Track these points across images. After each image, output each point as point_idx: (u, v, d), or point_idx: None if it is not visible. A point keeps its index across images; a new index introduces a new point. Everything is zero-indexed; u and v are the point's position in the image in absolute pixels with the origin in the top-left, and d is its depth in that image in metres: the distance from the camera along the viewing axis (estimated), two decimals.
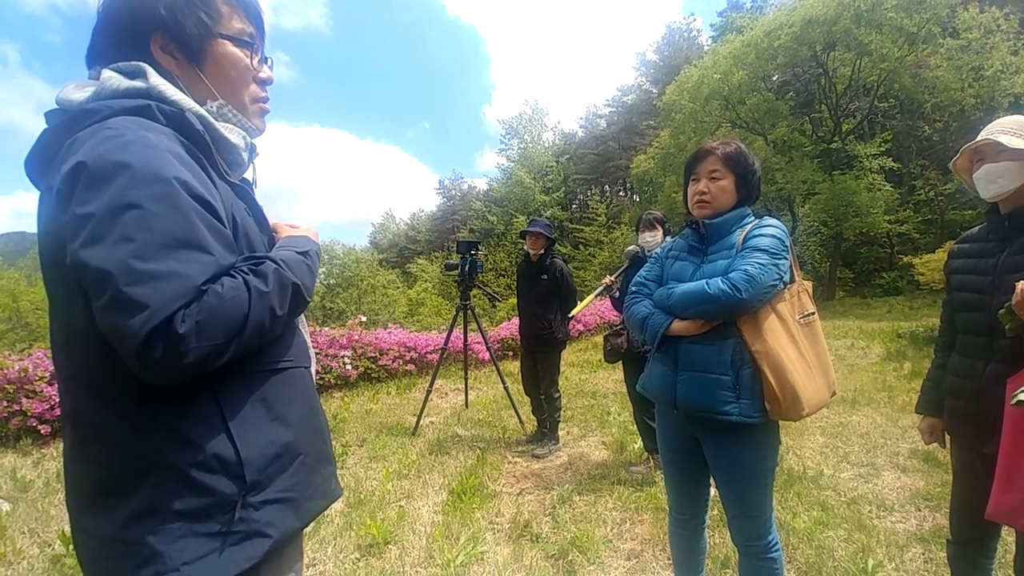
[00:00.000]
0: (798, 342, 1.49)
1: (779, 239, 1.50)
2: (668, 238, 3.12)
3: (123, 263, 0.62)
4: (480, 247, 4.63)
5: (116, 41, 0.80)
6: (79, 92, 0.75)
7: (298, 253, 0.83)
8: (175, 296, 0.64)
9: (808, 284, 1.61)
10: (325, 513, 1.94)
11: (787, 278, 1.50)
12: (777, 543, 1.58)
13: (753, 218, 1.60)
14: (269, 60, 0.94)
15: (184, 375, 0.66)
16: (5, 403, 4.08)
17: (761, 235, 1.50)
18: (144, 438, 0.70)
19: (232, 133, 0.83)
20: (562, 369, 4.40)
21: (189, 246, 0.67)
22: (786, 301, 1.50)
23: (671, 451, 1.71)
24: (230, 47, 0.85)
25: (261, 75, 0.91)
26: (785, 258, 1.49)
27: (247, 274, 0.71)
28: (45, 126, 0.76)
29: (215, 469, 0.71)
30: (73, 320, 0.71)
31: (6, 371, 4.22)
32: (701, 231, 1.62)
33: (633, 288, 1.73)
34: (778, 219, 1.59)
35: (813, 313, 1.58)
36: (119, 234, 0.63)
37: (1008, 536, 2.00)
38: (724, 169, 1.56)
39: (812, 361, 1.50)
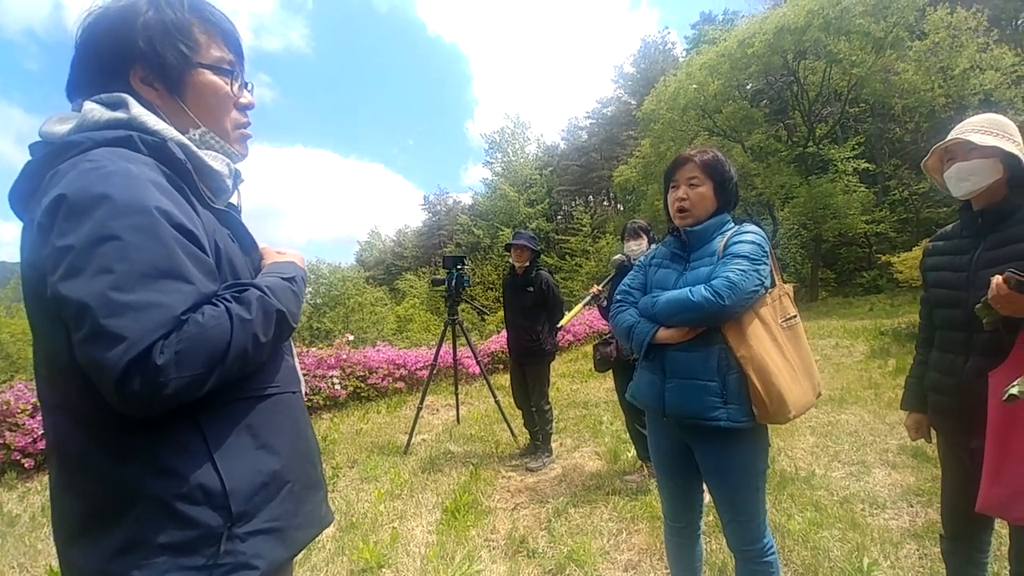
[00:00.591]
0: (782, 346, 1.51)
1: (759, 245, 1.53)
2: (653, 246, 3.15)
3: (101, 295, 0.62)
4: (467, 261, 4.64)
5: (96, 73, 0.80)
6: (61, 125, 0.75)
7: (284, 279, 0.82)
8: (154, 327, 0.63)
9: (789, 288, 1.64)
10: (316, 538, 1.90)
11: (768, 283, 1.53)
12: (772, 547, 1.59)
13: (732, 224, 1.63)
14: (250, 85, 0.94)
15: (164, 406, 0.65)
16: None
17: (741, 241, 1.53)
18: (127, 470, 0.69)
19: (215, 160, 0.83)
20: (552, 380, 4.39)
21: (169, 276, 0.66)
22: (768, 305, 1.53)
23: (663, 458, 1.71)
24: (210, 76, 0.85)
25: (242, 101, 0.91)
26: (765, 263, 1.52)
27: (229, 302, 0.71)
28: (29, 158, 0.76)
29: (200, 500, 0.70)
30: (56, 352, 0.70)
31: None
32: (683, 238, 1.65)
33: (618, 297, 1.75)
34: (758, 225, 1.62)
35: (795, 316, 1.60)
36: (98, 266, 0.63)
37: (1002, 529, 2.02)
38: (702, 176, 1.59)
39: (796, 364, 1.52)
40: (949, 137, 1.50)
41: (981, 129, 1.44)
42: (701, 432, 1.52)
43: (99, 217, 0.64)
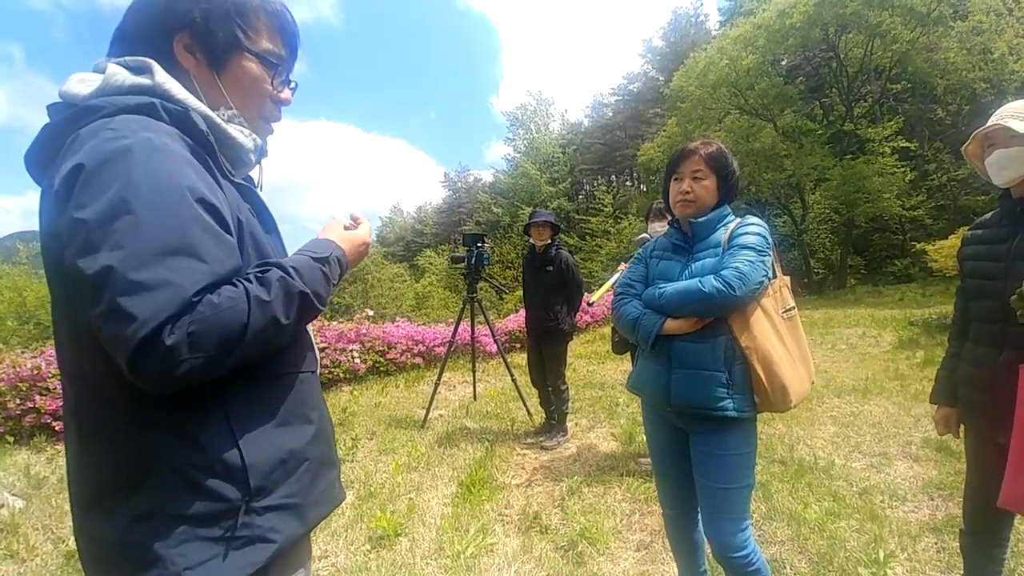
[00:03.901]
0: (783, 336, 1.53)
1: (764, 236, 1.54)
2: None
3: (115, 272, 0.61)
4: (486, 239, 4.62)
5: (143, 27, 0.80)
6: (83, 86, 0.74)
7: (314, 259, 0.80)
8: (163, 307, 0.62)
9: (787, 279, 1.64)
10: None
11: (771, 274, 1.54)
12: (758, 555, 1.57)
13: (733, 216, 1.64)
14: (293, 84, 0.94)
15: (177, 385, 0.64)
16: (18, 400, 4.14)
17: (747, 233, 1.54)
18: (148, 440, 0.70)
19: (240, 133, 0.83)
20: (570, 361, 4.39)
21: (181, 253, 0.65)
22: (770, 296, 1.54)
23: (660, 449, 1.72)
24: (255, 65, 0.85)
25: (280, 96, 0.91)
26: (769, 255, 1.53)
27: (250, 282, 0.70)
28: (47, 119, 0.74)
29: (219, 474, 0.71)
30: (77, 321, 0.70)
31: (19, 369, 4.29)
32: (684, 230, 1.66)
33: (619, 290, 1.74)
34: (760, 217, 1.64)
35: (793, 308, 1.62)
36: (113, 241, 0.62)
37: (1021, 524, 1.98)
38: (707, 169, 1.59)
39: (795, 354, 1.54)
40: (988, 123, 1.46)
41: (1019, 116, 1.39)
42: (703, 422, 1.52)
43: (116, 190, 0.63)
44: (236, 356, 0.68)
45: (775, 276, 1.58)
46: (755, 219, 1.60)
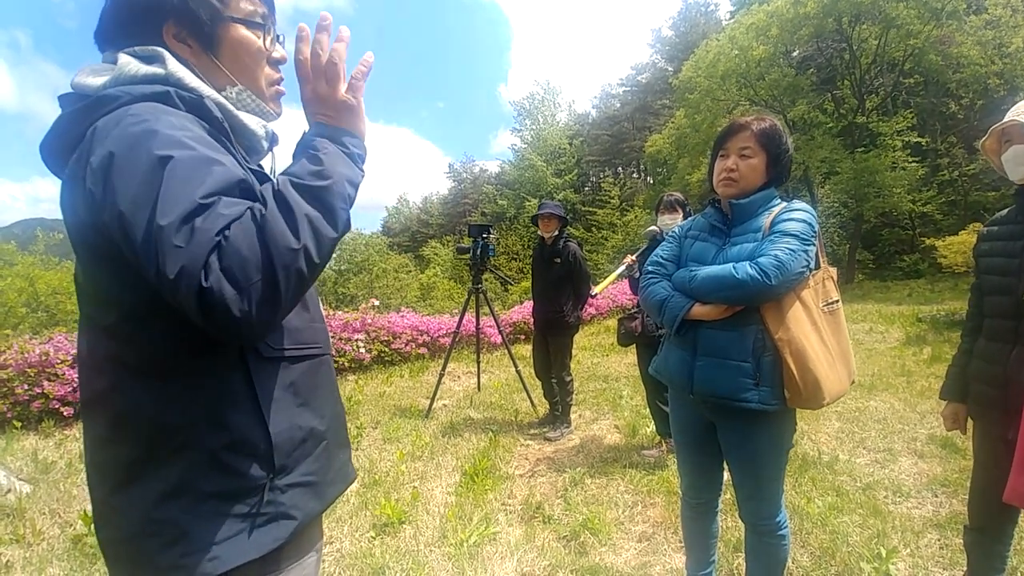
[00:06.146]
0: (821, 330, 1.45)
1: (809, 224, 1.44)
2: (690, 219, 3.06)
3: (160, 243, 0.60)
4: (492, 231, 4.61)
5: (128, 25, 0.79)
6: (95, 77, 0.74)
7: (309, 155, 0.73)
8: (198, 255, 0.60)
9: (833, 271, 1.56)
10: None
11: (813, 264, 1.46)
12: (786, 522, 1.59)
13: (780, 201, 1.55)
14: (282, 38, 0.92)
15: (249, 327, 0.62)
16: (27, 386, 4.18)
17: (791, 219, 1.44)
18: (179, 419, 0.71)
19: (251, 120, 0.83)
20: (574, 353, 4.39)
21: (210, 204, 0.63)
22: (811, 288, 1.46)
23: (685, 435, 1.69)
24: (242, 30, 0.84)
25: (275, 55, 0.90)
26: (814, 244, 1.45)
27: (249, 205, 0.66)
28: (60, 111, 0.75)
29: (246, 452, 0.73)
30: (121, 300, 0.71)
31: (27, 355, 4.32)
32: (725, 211, 1.57)
33: (649, 268, 1.67)
34: (807, 203, 1.54)
35: (837, 301, 1.53)
36: (153, 214, 0.62)
37: None
38: (756, 146, 1.49)
39: (834, 350, 1.46)
40: (1005, 118, 1.44)
41: None
42: (728, 412, 1.49)
43: (148, 173, 0.64)
44: (284, 275, 0.63)
45: (818, 267, 1.50)
46: (802, 204, 1.50)
